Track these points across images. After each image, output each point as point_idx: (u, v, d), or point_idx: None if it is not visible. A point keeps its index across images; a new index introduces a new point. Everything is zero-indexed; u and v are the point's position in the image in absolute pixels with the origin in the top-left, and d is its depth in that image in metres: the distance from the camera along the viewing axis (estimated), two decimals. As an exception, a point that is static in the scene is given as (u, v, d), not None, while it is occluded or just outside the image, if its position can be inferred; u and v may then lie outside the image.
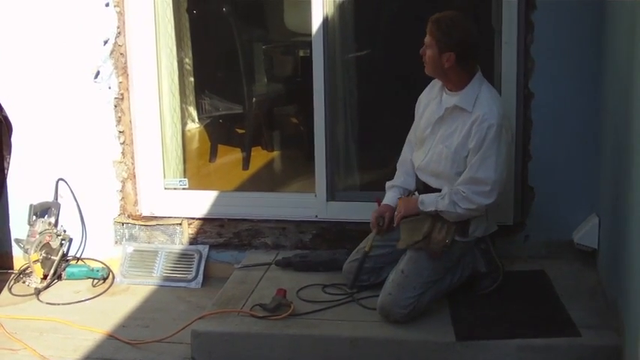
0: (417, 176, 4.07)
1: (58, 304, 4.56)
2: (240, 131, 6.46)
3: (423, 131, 4.00)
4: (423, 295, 3.79)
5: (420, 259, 3.83)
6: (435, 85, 4.03)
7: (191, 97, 6.35)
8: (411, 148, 4.16)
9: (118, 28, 4.76)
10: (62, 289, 4.76)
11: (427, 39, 3.83)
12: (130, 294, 4.70)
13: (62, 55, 4.82)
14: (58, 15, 4.78)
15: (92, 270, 4.86)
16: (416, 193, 4.03)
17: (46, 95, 4.88)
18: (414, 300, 3.76)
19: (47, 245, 4.78)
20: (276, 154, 6.48)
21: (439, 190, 3.85)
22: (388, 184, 4.17)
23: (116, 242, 4.98)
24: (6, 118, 4.87)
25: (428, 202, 3.85)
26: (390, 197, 4.12)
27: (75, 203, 4.97)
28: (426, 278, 3.81)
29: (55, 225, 4.91)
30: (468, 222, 3.86)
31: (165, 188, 5.00)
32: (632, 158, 3.31)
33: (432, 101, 4.00)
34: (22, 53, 4.86)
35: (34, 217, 4.84)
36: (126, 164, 4.90)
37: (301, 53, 6.18)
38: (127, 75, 4.81)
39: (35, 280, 4.77)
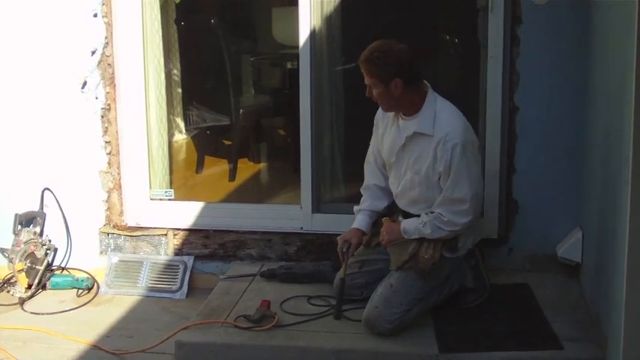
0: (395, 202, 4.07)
1: (43, 314, 4.55)
2: (227, 143, 6.47)
3: (388, 158, 3.99)
4: (409, 311, 3.80)
5: (409, 277, 3.83)
6: None
7: (178, 108, 6.36)
8: (372, 171, 4.15)
9: (106, 38, 4.76)
10: (47, 299, 4.75)
11: (367, 80, 3.77)
12: (114, 304, 4.69)
13: (50, 64, 4.82)
14: (46, 25, 4.78)
15: (77, 280, 4.85)
16: (400, 216, 4.00)
17: (32, 105, 4.87)
18: (399, 315, 3.77)
19: (32, 255, 4.77)
20: (262, 165, 6.50)
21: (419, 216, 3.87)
22: (356, 208, 4.18)
23: (101, 252, 4.97)
24: (-8, 127, 4.88)
25: (411, 230, 3.83)
26: (359, 220, 4.12)
27: (60, 213, 4.96)
28: (414, 295, 3.82)
29: (41, 234, 4.90)
30: (456, 237, 3.86)
31: (151, 199, 5.00)
32: (617, 173, 3.33)
33: (388, 126, 3.96)
34: (9, 62, 4.86)
35: (19, 227, 4.83)
36: (112, 174, 4.90)
37: (289, 65, 6.21)
38: (115, 85, 4.81)
39: (19, 290, 4.75)
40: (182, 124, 6.49)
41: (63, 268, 4.99)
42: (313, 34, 4.64)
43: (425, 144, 3.77)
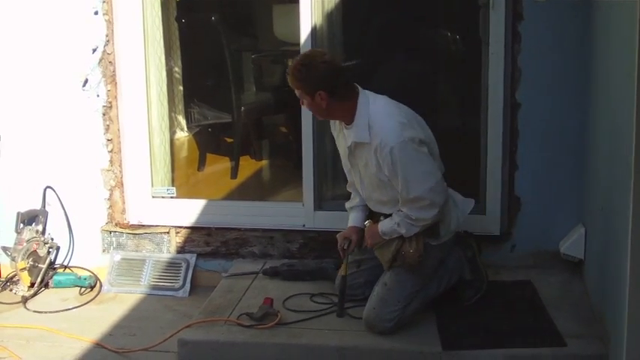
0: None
1: (45, 313, 4.55)
2: (228, 140, 6.47)
3: (345, 164, 4.02)
4: (407, 306, 3.81)
5: (401, 273, 3.83)
6: None
7: (180, 106, 6.35)
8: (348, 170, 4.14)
9: (107, 36, 4.76)
10: (49, 297, 4.75)
11: (296, 92, 3.80)
12: (117, 302, 4.69)
13: (51, 62, 4.82)
14: (47, 23, 4.78)
15: (79, 278, 4.85)
16: (381, 217, 3.96)
17: (34, 103, 4.87)
18: (398, 313, 3.78)
19: (34, 253, 4.77)
20: (264, 163, 6.49)
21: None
22: (347, 206, 4.17)
23: (104, 250, 4.97)
24: (-6, 126, 4.87)
25: (388, 231, 3.82)
26: (353, 218, 4.11)
27: (62, 211, 4.96)
28: (409, 289, 3.83)
29: (43, 233, 4.90)
30: (436, 224, 3.83)
31: (153, 197, 5.00)
32: (619, 169, 3.33)
33: (339, 134, 3.98)
34: (10, 61, 4.86)
35: (22, 225, 4.83)
36: (114, 172, 4.89)
37: (290, 62, 6.18)
38: (116, 83, 4.82)
39: (22, 288, 4.75)
40: (184, 122, 6.48)
41: (65, 267, 4.99)
42: (314, 31, 4.64)
43: (367, 151, 3.76)
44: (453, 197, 3.91)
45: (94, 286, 4.86)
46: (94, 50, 4.79)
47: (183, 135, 6.52)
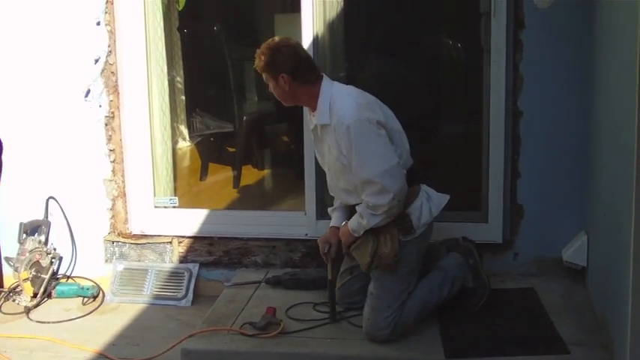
0: None
1: (48, 323, 4.55)
2: (230, 149, 6.48)
3: (316, 155, 4.09)
4: (401, 307, 3.79)
5: (382, 276, 3.82)
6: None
7: (182, 116, 6.36)
8: None
9: (109, 46, 4.77)
10: (52, 308, 4.75)
11: (263, 76, 3.88)
12: (120, 312, 4.69)
13: (53, 73, 4.83)
14: (49, 33, 4.80)
15: (82, 288, 4.85)
16: None
17: (36, 113, 4.88)
18: (393, 317, 3.76)
19: (37, 263, 4.77)
20: (266, 172, 6.50)
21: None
22: (329, 209, 4.20)
23: (106, 260, 4.97)
24: (-4, 137, 4.88)
25: (356, 228, 3.84)
26: (335, 218, 4.12)
27: (65, 221, 4.97)
28: (396, 290, 3.80)
29: (45, 243, 4.91)
30: (407, 218, 3.80)
31: (156, 206, 5.01)
32: (622, 177, 3.33)
33: (308, 123, 4.05)
34: (12, 71, 4.87)
35: (24, 236, 4.84)
36: (116, 182, 4.90)
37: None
38: (118, 93, 4.83)
39: (25, 299, 4.76)
40: (186, 132, 6.48)
41: (68, 277, 4.99)
42: (316, 40, 4.65)
43: (329, 134, 3.81)
44: (426, 191, 3.89)
45: (97, 296, 4.86)
46: (97, 61, 4.80)
47: (185, 145, 6.52)
